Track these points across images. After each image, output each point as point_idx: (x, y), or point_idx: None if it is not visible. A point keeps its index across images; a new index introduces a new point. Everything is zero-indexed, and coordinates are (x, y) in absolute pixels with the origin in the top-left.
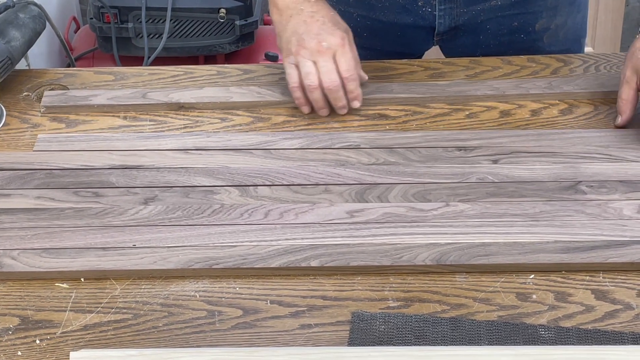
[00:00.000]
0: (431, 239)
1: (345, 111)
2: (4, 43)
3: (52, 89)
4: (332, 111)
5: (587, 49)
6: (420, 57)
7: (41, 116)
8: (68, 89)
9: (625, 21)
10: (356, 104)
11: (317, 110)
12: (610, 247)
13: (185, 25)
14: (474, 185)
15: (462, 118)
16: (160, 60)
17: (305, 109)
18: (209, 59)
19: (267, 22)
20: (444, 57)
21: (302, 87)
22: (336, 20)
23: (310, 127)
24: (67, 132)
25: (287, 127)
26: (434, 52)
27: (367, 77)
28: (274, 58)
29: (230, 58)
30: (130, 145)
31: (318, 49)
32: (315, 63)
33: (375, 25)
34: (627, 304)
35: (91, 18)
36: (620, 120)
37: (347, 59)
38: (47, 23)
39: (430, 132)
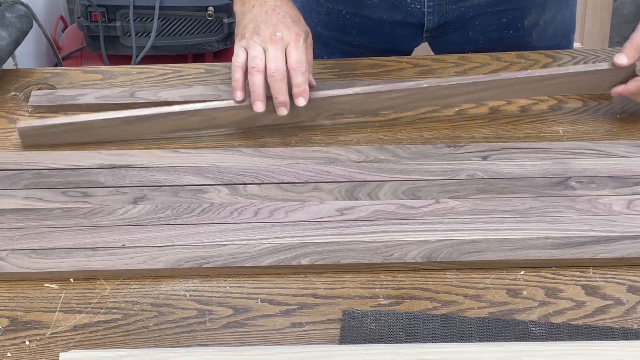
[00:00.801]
0: (421, 236)
1: (284, 112)
2: None
3: (39, 89)
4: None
5: (576, 45)
6: (409, 54)
7: (29, 116)
8: (56, 88)
9: (614, 17)
10: (301, 102)
11: (253, 101)
12: (600, 242)
13: (173, 24)
14: (464, 182)
15: (452, 115)
16: (148, 59)
17: (239, 95)
18: (198, 57)
19: None
20: (433, 54)
21: (245, 71)
22: (298, 18)
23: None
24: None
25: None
26: (423, 49)
27: (315, 84)
28: None
29: (218, 56)
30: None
31: (271, 37)
32: (265, 50)
33: (363, 22)
34: (618, 299)
35: (79, 17)
36: (620, 59)
37: (299, 52)
38: (34, 22)
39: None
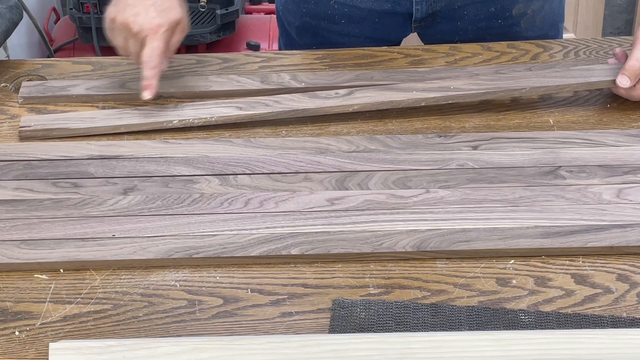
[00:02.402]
0: (411, 225)
1: (147, 96)
2: None
3: (30, 80)
4: None
5: (569, 35)
6: (398, 44)
7: (19, 107)
8: (46, 79)
9: (607, 7)
10: (146, 95)
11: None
12: (589, 231)
13: None
14: (454, 172)
15: (442, 105)
16: None
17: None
18: (190, 49)
19: (249, 12)
20: (421, 43)
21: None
22: (170, 4)
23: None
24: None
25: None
26: (412, 39)
27: (165, 68)
28: (255, 47)
29: (211, 47)
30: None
31: (129, 29)
32: (126, 39)
33: (352, 12)
34: (607, 288)
35: (71, 8)
36: (622, 82)
37: (152, 46)
38: (25, 13)
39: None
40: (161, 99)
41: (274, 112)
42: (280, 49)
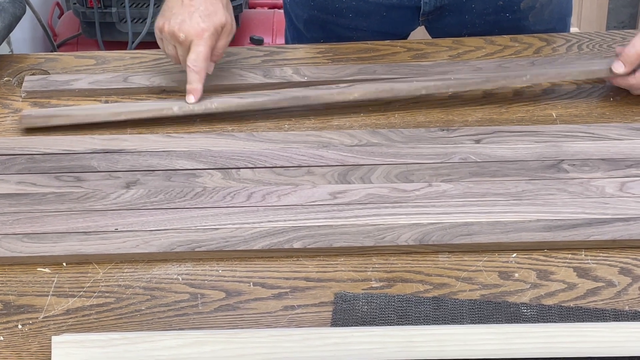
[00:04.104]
0: (414, 219)
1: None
2: None
3: (33, 74)
4: None
5: (573, 29)
6: (405, 37)
7: (22, 101)
8: (49, 73)
9: (611, 1)
10: (190, 99)
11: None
12: (592, 225)
13: None
14: (456, 165)
15: (445, 98)
16: (144, 45)
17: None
18: None
19: (252, 6)
20: (429, 37)
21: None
22: (213, 10)
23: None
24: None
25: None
26: (419, 33)
27: (210, 72)
28: (259, 41)
29: None
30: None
31: (176, 37)
32: (175, 47)
33: (360, 6)
34: (609, 281)
35: (74, 3)
36: (617, 68)
37: (197, 51)
38: (28, 8)
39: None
40: (164, 93)
41: (274, 99)
42: (287, 42)
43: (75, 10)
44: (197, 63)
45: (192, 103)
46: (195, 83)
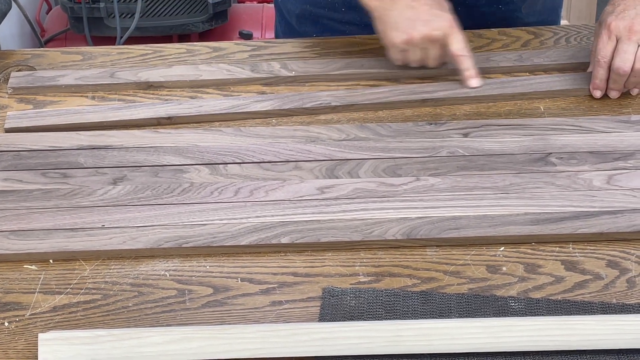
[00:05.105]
0: (402, 213)
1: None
2: None
3: (19, 70)
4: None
5: (563, 22)
6: None
7: (8, 98)
8: (35, 69)
9: None
10: (474, 83)
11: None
12: (579, 217)
13: (157, 4)
14: (444, 159)
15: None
16: (133, 40)
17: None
18: (183, 38)
19: (241, 0)
20: None
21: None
22: (439, 1)
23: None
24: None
25: None
26: None
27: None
28: (248, 36)
29: (204, 37)
30: (102, 117)
31: (432, 37)
32: (424, 50)
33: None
34: (597, 274)
35: None
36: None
37: (459, 39)
38: (14, 3)
39: (399, 86)
40: (151, 89)
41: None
42: (277, 37)
43: (63, 5)
44: (465, 49)
45: (476, 87)
46: (472, 68)
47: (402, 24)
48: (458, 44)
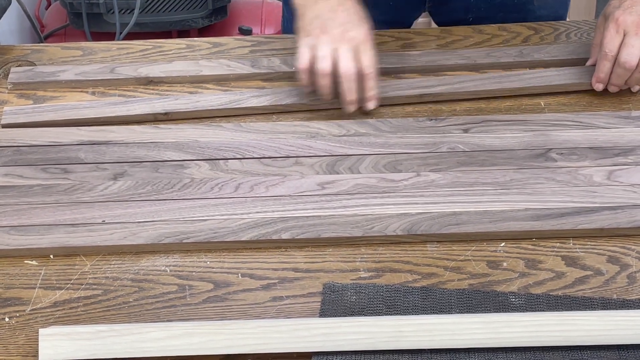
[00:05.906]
0: (402, 209)
1: (353, 108)
2: None
3: (19, 65)
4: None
5: None
6: (409, 26)
7: (8, 93)
8: (35, 65)
9: None
10: (371, 105)
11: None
12: (580, 213)
13: (156, 0)
14: (444, 155)
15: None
16: (132, 36)
17: (308, 95)
18: (182, 34)
19: None
20: (434, 24)
21: (311, 71)
22: (363, 15)
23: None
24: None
25: None
26: (423, 23)
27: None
28: (247, 32)
29: (203, 32)
30: (99, 113)
31: (342, 36)
32: (335, 50)
33: None
34: (597, 270)
35: None
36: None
37: (370, 55)
38: None
39: (399, 81)
40: (152, 84)
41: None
42: (284, 32)
43: (63, 1)
44: (373, 69)
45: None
46: (375, 89)
47: (316, 21)
48: (367, 59)
